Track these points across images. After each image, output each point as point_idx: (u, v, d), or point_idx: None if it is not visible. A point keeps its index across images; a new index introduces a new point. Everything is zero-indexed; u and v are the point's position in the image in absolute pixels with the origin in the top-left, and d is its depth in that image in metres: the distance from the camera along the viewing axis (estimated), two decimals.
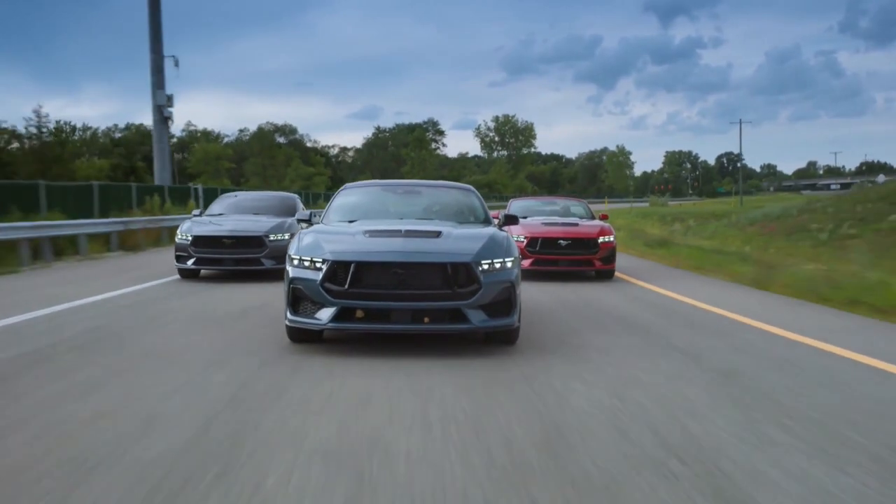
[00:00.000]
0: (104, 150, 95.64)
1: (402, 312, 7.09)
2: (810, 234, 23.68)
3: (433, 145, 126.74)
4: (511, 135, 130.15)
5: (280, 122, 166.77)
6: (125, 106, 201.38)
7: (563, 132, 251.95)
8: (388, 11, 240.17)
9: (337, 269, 7.14)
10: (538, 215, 16.52)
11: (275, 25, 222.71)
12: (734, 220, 33.44)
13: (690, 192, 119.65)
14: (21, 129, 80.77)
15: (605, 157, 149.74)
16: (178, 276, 14.90)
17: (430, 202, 9.67)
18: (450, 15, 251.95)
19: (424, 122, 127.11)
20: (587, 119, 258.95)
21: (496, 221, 9.25)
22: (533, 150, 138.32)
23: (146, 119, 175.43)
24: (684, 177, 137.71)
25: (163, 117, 33.03)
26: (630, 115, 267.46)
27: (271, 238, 14.65)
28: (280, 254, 13.63)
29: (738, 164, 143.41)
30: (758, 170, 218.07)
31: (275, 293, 11.73)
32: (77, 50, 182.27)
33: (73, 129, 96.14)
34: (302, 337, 7.69)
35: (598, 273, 15.36)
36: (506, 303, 7.35)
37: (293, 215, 15.13)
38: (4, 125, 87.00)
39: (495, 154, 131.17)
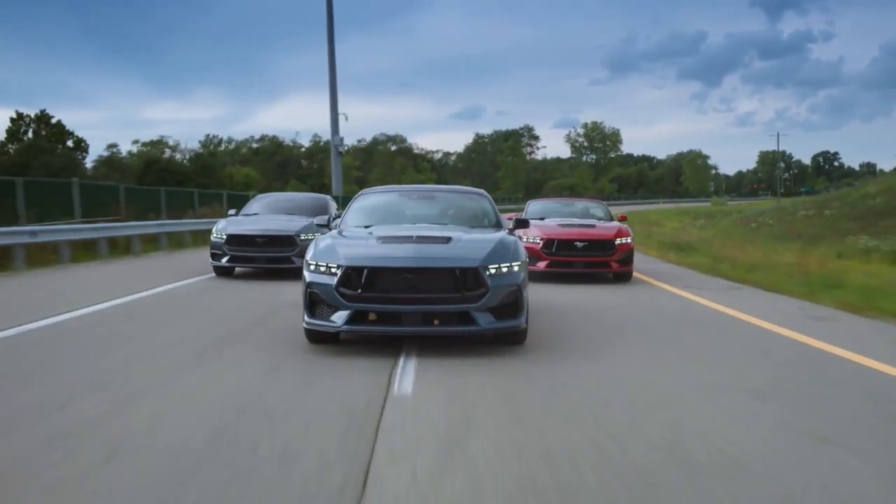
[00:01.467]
0: (245, 160, 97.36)
1: (413, 315, 6.80)
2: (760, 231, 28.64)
3: (528, 149, 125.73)
4: (599, 140, 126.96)
5: (386, 124, 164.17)
6: (234, 108, 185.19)
7: (666, 130, 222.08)
8: (489, 11, 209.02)
9: (351, 274, 6.83)
10: (556, 216, 15.11)
11: (377, 27, 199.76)
12: (734, 218, 37.01)
13: (781, 191, 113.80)
14: (182, 143, 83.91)
15: (682, 161, 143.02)
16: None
17: (443, 207, 9.18)
18: (552, 13, 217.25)
19: (521, 129, 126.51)
20: (691, 116, 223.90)
21: (510, 224, 8.91)
22: (619, 153, 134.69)
23: (256, 122, 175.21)
24: (778, 176, 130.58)
25: (338, 152, 42.60)
26: (736, 112, 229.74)
27: (302, 237, 13.81)
28: None
29: (778, 168, 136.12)
30: (857, 168, 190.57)
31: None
32: (188, 54, 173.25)
33: (220, 140, 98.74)
34: (318, 338, 7.35)
35: (615, 275, 13.83)
36: (513, 305, 7.01)
37: (325, 215, 13.85)
38: (168, 139, 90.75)
39: (584, 158, 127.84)
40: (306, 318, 7.07)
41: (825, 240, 23.97)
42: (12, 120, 75.44)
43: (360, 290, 6.77)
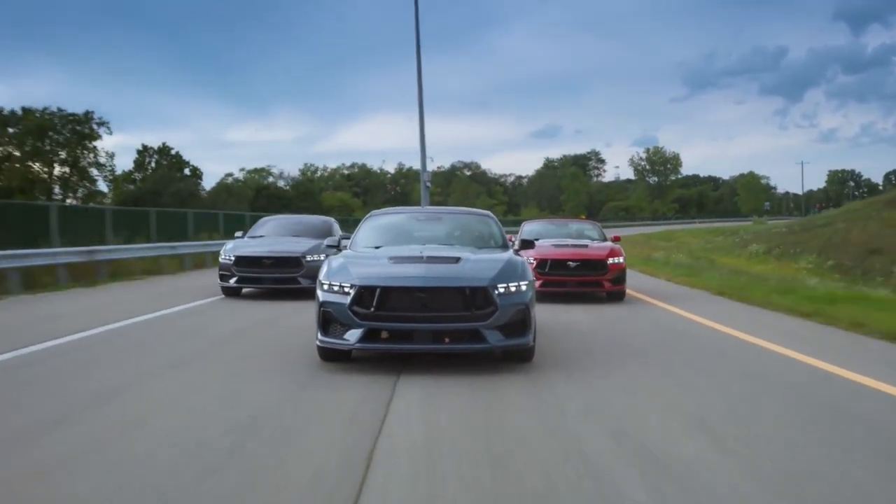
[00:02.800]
0: (338, 185, 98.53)
1: (424, 333, 6.43)
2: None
3: (596, 171, 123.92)
4: (660, 163, 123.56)
5: (464, 143, 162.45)
6: (313, 130, 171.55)
7: (746, 147, 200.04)
8: (566, 29, 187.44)
9: (363, 294, 6.46)
10: (551, 237, 14.06)
11: (456, 47, 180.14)
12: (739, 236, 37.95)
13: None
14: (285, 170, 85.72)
15: (735, 183, 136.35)
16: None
17: (451, 228, 8.66)
18: (630, 31, 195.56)
19: (588, 153, 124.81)
20: (773, 132, 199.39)
21: (515, 245, 8.54)
22: (679, 176, 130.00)
23: (336, 143, 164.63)
24: (847, 195, 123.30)
25: (426, 187, 42.20)
26: (819, 129, 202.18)
27: (308, 258, 13.11)
28: (316, 273, 11.75)
29: (848, 186, 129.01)
30: None
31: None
32: (270, 76, 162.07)
33: (316, 168, 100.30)
34: (331, 356, 6.90)
35: (608, 294, 12.65)
36: (521, 323, 6.62)
37: (331, 236, 13.02)
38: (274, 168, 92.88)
39: (649, 180, 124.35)
40: (319, 336, 6.68)
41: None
42: (138, 151, 78.57)
43: (372, 309, 6.41)
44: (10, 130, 71.12)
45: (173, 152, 79.07)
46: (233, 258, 13.21)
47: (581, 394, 5.88)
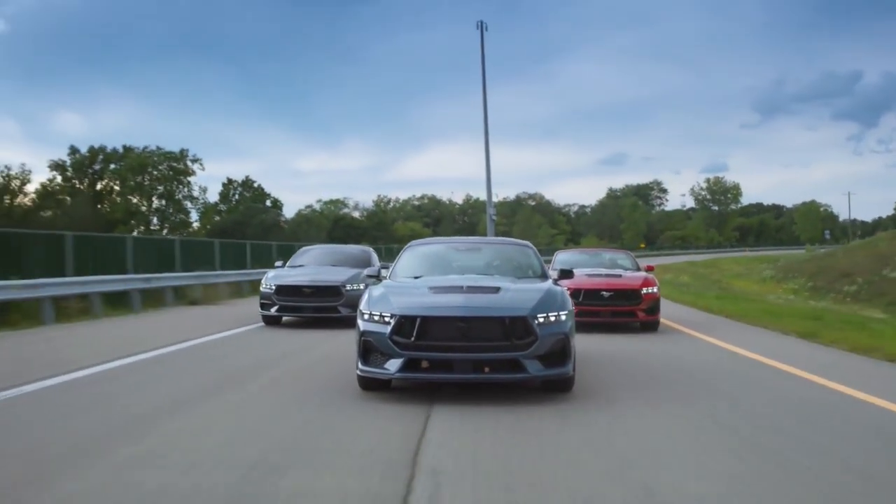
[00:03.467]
0: (411, 215, 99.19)
1: (464, 363, 6.09)
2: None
3: (658, 201, 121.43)
4: (720, 193, 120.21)
5: (531, 170, 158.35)
6: (380, 158, 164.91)
7: (820, 173, 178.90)
8: (633, 56, 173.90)
9: (404, 323, 6.14)
10: (584, 266, 13.39)
11: (522, 75, 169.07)
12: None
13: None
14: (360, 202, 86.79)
15: (794, 211, 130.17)
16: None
17: (490, 258, 8.25)
18: (698, 57, 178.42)
19: (650, 182, 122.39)
20: (847, 158, 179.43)
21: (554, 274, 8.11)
22: (739, 205, 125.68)
23: (403, 172, 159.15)
24: None
25: (492, 220, 43.83)
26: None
27: (348, 288, 12.61)
28: (355, 302, 11.36)
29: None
30: None
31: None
32: (337, 106, 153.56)
33: (388, 199, 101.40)
34: (371, 385, 6.57)
35: (642, 324, 12.14)
36: (561, 353, 6.27)
37: (369, 265, 12.50)
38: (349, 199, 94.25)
39: (714, 208, 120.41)
40: (360, 365, 6.36)
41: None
42: (223, 184, 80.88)
43: (413, 339, 6.09)
44: (112, 167, 74.45)
45: (255, 185, 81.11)
46: (274, 287, 12.78)
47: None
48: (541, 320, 6.15)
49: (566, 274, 8.25)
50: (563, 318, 6.32)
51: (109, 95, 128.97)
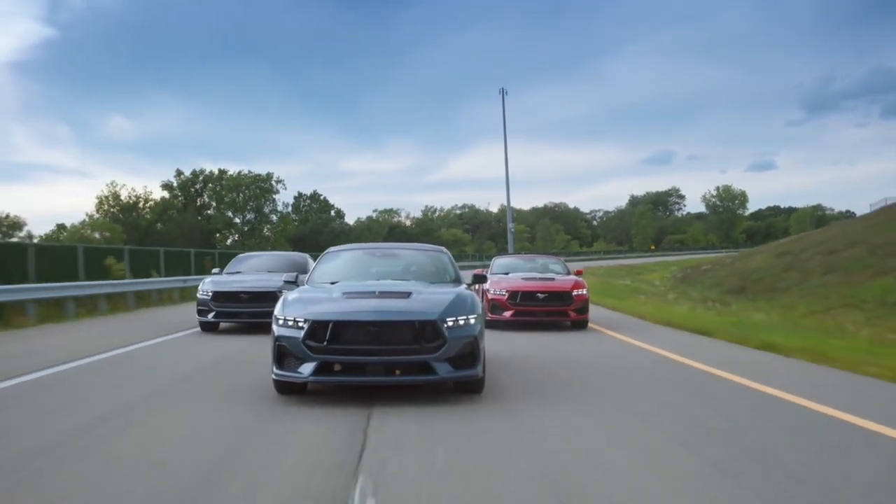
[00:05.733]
0: (453, 223, 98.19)
1: (376, 366, 5.44)
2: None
3: (677, 206, 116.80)
4: (728, 199, 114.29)
5: (574, 170, 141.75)
6: (423, 159, 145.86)
7: (868, 171, 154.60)
8: (679, 54, 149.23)
9: (316, 328, 5.46)
10: (520, 271, 12.60)
11: (566, 75, 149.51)
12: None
13: None
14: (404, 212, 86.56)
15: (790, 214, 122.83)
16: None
17: (406, 264, 7.36)
18: (744, 54, 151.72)
19: (669, 189, 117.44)
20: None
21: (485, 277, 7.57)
22: (745, 211, 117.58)
23: (446, 173, 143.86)
24: None
25: (511, 231, 43.36)
26: None
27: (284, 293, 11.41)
28: None
29: None
30: None
31: None
32: (381, 108, 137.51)
33: (434, 209, 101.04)
34: (287, 389, 5.82)
35: (572, 323, 11.30)
36: (470, 356, 5.61)
37: (304, 272, 10.46)
38: (400, 211, 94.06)
39: (729, 215, 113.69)
40: (275, 369, 5.62)
41: None
42: (295, 198, 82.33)
43: (325, 343, 5.42)
44: (210, 185, 76.58)
45: (322, 198, 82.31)
46: (210, 293, 11.24)
47: None
48: (450, 324, 5.53)
49: (480, 279, 7.49)
50: (473, 321, 5.66)
51: (158, 99, 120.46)
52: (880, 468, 3.79)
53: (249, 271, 12.29)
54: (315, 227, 76.27)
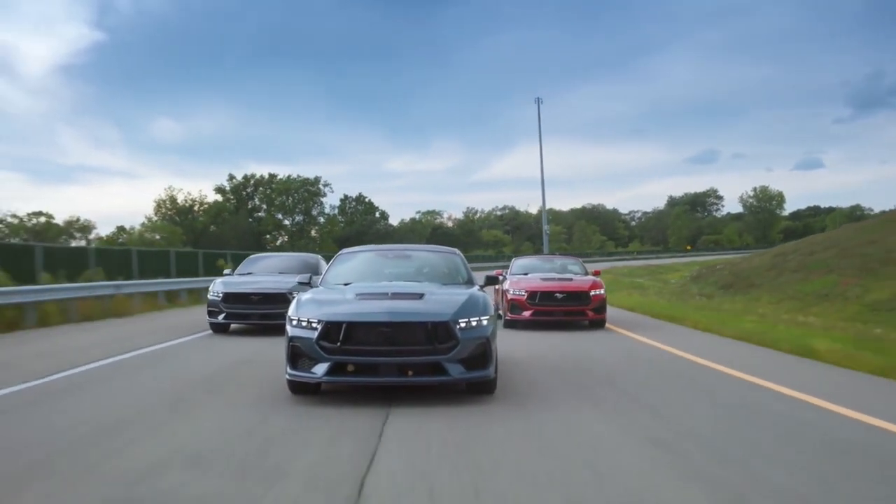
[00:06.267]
0: (494, 224, 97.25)
1: (389, 366, 5.28)
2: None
3: (714, 207, 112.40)
4: (766, 200, 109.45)
5: (617, 169, 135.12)
6: (466, 158, 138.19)
7: None
8: (724, 52, 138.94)
9: (330, 329, 5.30)
10: (539, 272, 12.22)
11: (610, 73, 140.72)
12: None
13: None
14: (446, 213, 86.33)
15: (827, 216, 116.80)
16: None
17: (419, 265, 7.15)
18: (789, 52, 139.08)
19: (707, 190, 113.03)
20: None
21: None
22: (783, 212, 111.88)
23: (489, 172, 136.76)
24: None
25: (546, 233, 41.35)
26: None
27: (294, 294, 9.94)
28: None
29: None
30: None
31: None
32: (425, 108, 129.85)
33: (475, 211, 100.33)
34: (300, 389, 5.65)
35: (590, 322, 10.89)
36: (482, 356, 5.42)
37: (317, 273, 10.26)
38: (442, 213, 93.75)
39: (766, 215, 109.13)
40: (288, 369, 5.47)
41: None
42: (341, 200, 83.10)
43: (338, 344, 5.26)
44: (260, 189, 77.98)
45: (367, 200, 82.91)
46: (221, 295, 10.78)
47: None
48: (462, 325, 5.33)
49: (492, 280, 7.25)
50: (485, 322, 5.46)
51: (204, 100, 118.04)
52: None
53: (261, 272, 11.79)
54: (360, 229, 76.90)
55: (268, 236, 75.59)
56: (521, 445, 4.14)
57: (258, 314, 10.69)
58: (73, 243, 57.34)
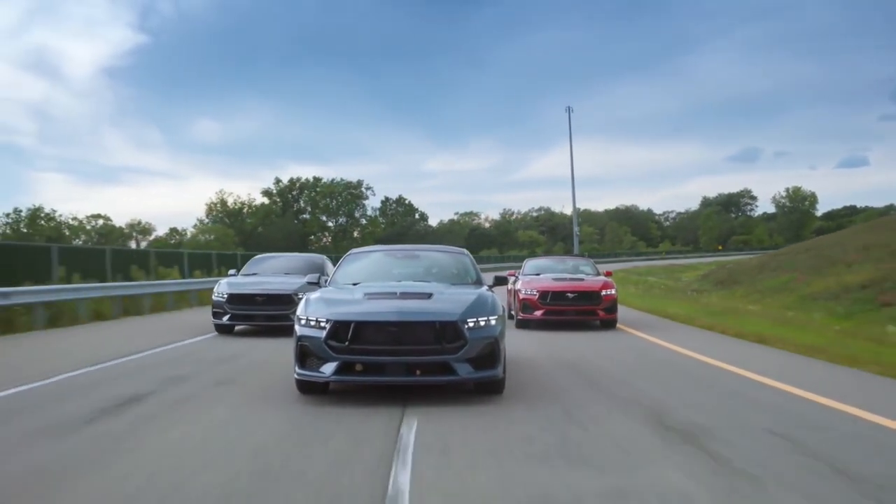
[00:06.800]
0: (530, 225, 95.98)
1: (397, 366, 5.09)
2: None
3: (749, 207, 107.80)
4: (799, 200, 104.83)
5: (657, 167, 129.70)
6: (507, 157, 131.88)
7: None
8: (766, 49, 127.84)
9: (338, 328, 5.12)
10: (551, 272, 11.91)
11: (649, 71, 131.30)
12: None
13: None
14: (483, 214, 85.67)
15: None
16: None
17: (427, 265, 6.88)
18: (833, 48, 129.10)
19: (742, 191, 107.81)
20: None
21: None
22: (817, 212, 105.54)
23: (528, 172, 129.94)
24: None
25: (577, 234, 41.19)
26: None
27: (300, 295, 9.29)
28: None
29: None
30: None
31: None
32: (463, 108, 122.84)
33: (511, 212, 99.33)
34: (308, 388, 5.47)
35: (602, 322, 10.62)
36: (490, 356, 5.22)
37: (323, 274, 8.79)
38: (479, 214, 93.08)
39: (798, 215, 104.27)
40: (297, 369, 5.30)
41: None
42: (382, 202, 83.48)
43: (347, 343, 5.09)
44: (305, 192, 79.31)
45: (406, 202, 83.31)
46: (226, 296, 10.20)
47: None
48: (471, 325, 5.15)
49: (501, 281, 6.99)
50: (493, 322, 5.27)
51: (243, 101, 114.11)
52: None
53: (266, 273, 11.17)
54: (400, 230, 77.34)
55: (312, 237, 76.77)
56: None
57: (263, 315, 10.21)
58: (132, 244, 59.29)
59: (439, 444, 3.97)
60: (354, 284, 6.09)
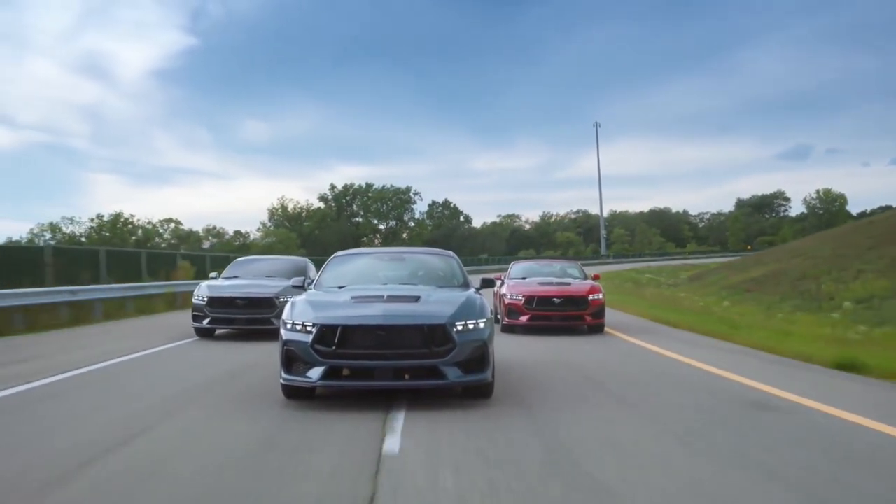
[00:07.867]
0: (568, 226, 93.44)
1: (385, 370, 4.72)
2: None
3: (783, 208, 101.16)
4: (829, 202, 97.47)
5: (705, 165, 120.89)
6: (553, 155, 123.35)
7: None
8: (817, 44, 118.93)
9: (325, 332, 4.72)
10: (537, 276, 10.90)
11: (699, 68, 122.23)
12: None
13: None
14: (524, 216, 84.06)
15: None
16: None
17: (414, 267, 6.37)
18: (885, 41, 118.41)
19: (775, 192, 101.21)
20: None
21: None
22: (848, 211, 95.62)
23: (577, 170, 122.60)
24: None
25: (604, 238, 41.24)
26: None
27: (281, 299, 9.03)
28: None
29: None
30: None
31: None
32: (507, 107, 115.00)
33: (551, 214, 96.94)
34: (295, 394, 5.02)
35: (589, 327, 9.56)
36: (479, 360, 4.87)
37: (306, 277, 8.05)
38: (519, 216, 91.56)
39: (827, 216, 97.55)
40: (283, 374, 4.88)
41: None
42: (429, 206, 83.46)
43: (333, 347, 4.69)
44: (358, 197, 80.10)
45: (452, 205, 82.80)
46: (206, 299, 9.38)
47: None
48: (459, 328, 4.76)
49: (488, 283, 6.44)
50: (482, 325, 4.88)
51: (290, 102, 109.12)
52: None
53: (247, 276, 10.29)
54: (446, 232, 76.92)
55: (364, 239, 77.21)
56: None
57: (244, 319, 9.37)
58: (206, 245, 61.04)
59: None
60: (340, 287, 5.58)
